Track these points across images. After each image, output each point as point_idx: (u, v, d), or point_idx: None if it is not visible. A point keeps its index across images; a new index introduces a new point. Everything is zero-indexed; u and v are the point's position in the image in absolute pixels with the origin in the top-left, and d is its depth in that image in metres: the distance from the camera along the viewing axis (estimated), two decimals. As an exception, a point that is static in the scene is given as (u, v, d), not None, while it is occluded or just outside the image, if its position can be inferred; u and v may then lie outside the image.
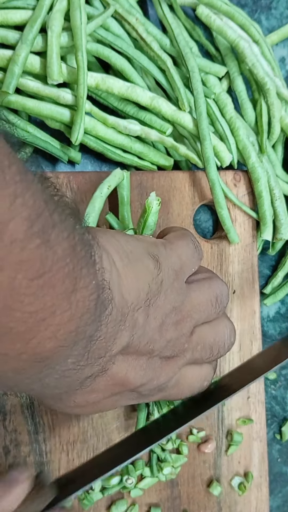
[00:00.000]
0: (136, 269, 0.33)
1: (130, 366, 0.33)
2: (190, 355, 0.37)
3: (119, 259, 0.32)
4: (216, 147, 0.49)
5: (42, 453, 0.45)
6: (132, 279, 0.32)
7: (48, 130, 0.47)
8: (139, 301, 0.32)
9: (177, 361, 0.36)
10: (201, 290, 0.37)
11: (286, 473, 0.58)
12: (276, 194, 0.51)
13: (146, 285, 0.33)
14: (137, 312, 0.32)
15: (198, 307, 0.37)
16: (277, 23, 0.57)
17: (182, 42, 0.48)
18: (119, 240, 0.33)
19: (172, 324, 0.35)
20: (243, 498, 0.52)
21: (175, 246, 0.37)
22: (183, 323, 0.36)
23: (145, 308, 0.33)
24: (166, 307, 0.34)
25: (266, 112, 0.51)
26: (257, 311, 0.52)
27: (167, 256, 0.35)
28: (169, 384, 0.37)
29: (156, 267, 0.34)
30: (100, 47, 0.47)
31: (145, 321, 0.33)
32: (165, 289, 0.34)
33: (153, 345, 0.34)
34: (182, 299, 0.35)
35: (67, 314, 0.25)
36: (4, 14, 0.44)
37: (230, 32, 0.50)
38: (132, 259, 0.33)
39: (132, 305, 0.32)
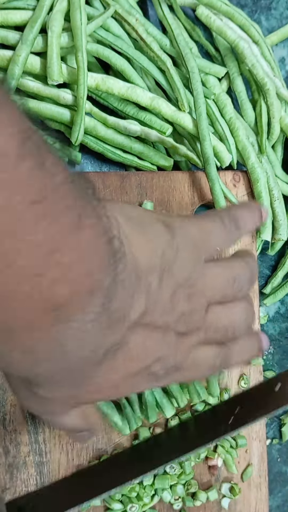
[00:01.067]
0: (146, 232, 0.30)
1: (148, 338, 0.31)
2: (203, 334, 0.35)
3: (124, 221, 0.29)
4: (216, 148, 0.49)
5: (42, 453, 0.45)
6: (143, 241, 0.30)
7: (48, 130, 0.47)
8: (151, 264, 0.30)
9: (191, 339, 0.34)
10: (218, 268, 0.35)
11: (286, 472, 0.58)
12: (275, 194, 0.51)
13: (159, 249, 0.31)
14: (151, 276, 0.30)
15: (212, 285, 0.34)
16: (277, 24, 0.57)
17: (182, 42, 0.49)
18: (125, 207, 0.31)
19: (184, 296, 0.33)
20: (243, 498, 0.52)
21: (196, 220, 0.35)
22: (196, 298, 0.33)
23: (160, 273, 0.31)
24: (179, 276, 0.32)
25: (265, 112, 0.51)
26: (257, 311, 0.52)
27: (184, 226, 0.33)
28: (185, 364, 0.35)
29: (169, 233, 0.32)
30: (100, 47, 0.47)
31: (159, 287, 0.31)
32: (181, 257, 0.32)
33: (166, 316, 0.32)
34: (198, 274, 0.33)
35: (76, 254, 0.23)
36: (4, 14, 0.44)
37: (230, 33, 0.50)
38: (139, 223, 0.30)
39: (145, 267, 0.29)
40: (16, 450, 0.44)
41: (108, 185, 0.46)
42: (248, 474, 0.51)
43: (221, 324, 0.36)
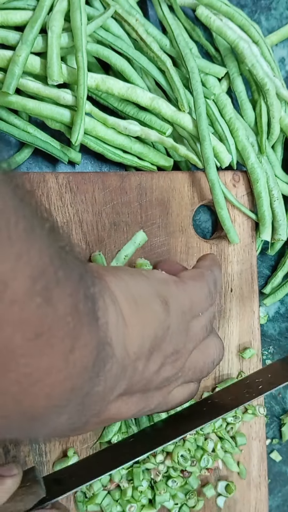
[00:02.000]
0: (143, 316, 0.31)
1: (124, 404, 0.33)
2: (181, 380, 0.37)
3: (127, 307, 0.30)
4: (216, 148, 0.49)
5: (42, 453, 0.45)
6: (138, 328, 0.31)
7: (49, 130, 0.47)
8: (142, 351, 0.31)
9: (169, 388, 0.36)
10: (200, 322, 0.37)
11: (286, 472, 0.58)
12: (274, 195, 0.51)
13: (152, 333, 0.32)
14: (138, 361, 0.31)
15: (194, 338, 0.36)
16: (276, 24, 0.57)
17: (182, 42, 0.49)
18: (128, 283, 0.32)
19: (171, 363, 0.34)
20: (242, 498, 0.52)
21: (188, 287, 0.36)
22: (181, 360, 0.35)
23: (147, 356, 0.32)
24: (167, 351, 0.33)
25: (265, 112, 0.51)
26: (256, 311, 0.53)
27: (177, 297, 0.34)
28: (159, 406, 0.36)
29: (165, 311, 0.33)
30: (100, 47, 0.47)
31: (145, 367, 0.32)
32: (171, 333, 0.33)
33: (149, 385, 0.33)
34: (184, 340, 0.35)
35: (63, 374, 0.24)
36: (4, 14, 0.44)
37: (230, 33, 0.50)
38: (140, 305, 0.31)
39: (134, 356, 0.31)
40: (16, 450, 0.44)
41: (108, 185, 0.46)
42: (244, 472, 0.51)
43: (198, 367, 0.38)
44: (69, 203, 0.45)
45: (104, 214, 0.46)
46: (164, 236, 0.48)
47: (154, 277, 0.35)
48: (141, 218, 0.47)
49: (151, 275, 0.35)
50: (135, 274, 0.34)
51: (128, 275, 0.33)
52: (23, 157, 0.47)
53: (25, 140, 0.45)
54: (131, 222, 0.47)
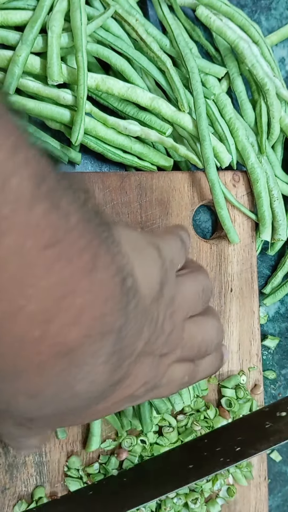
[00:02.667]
0: (144, 259, 0.31)
1: (142, 367, 0.31)
2: (180, 352, 0.36)
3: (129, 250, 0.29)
4: (216, 148, 0.49)
5: (42, 453, 0.45)
6: (145, 270, 0.30)
7: (48, 130, 0.47)
8: (153, 294, 0.30)
9: (169, 358, 0.35)
10: (189, 282, 0.36)
11: (286, 472, 0.58)
12: (274, 195, 0.51)
13: (158, 276, 0.31)
14: (154, 305, 0.30)
15: (186, 299, 0.35)
16: (276, 24, 0.57)
17: (182, 42, 0.49)
18: (127, 231, 0.31)
19: (169, 316, 0.33)
20: (242, 498, 0.52)
21: (167, 239, 0.36)
22: (176, 315, 0.34)
23: (158, 300, 0.31)
24: (167, 297, 0.32)
25: (265, 112, 0.51)
26: (256, 311, 0.53)
27: (165, 247, 0.34)
28: (161, 382, 0.35)
29: (160, 256, 0.32)
30: (100, 47, 0.47)
31: (156, 315, 0.31)
32: (169, 278, 0.33)
33: (158, 341, 0.32)
34: (176, 290, 0.34)
35: (90, 296, 0.22)
36: (4, 14, 0.44)
37: (230, 33, 0.50)
38: (139, 249, 0.31)
39: (150, 298, 0.29)
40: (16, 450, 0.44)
41: (108, 185, 0.46)
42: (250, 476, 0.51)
43: (195, 342, 0.37)
44: (69, 203, 0.45)
45: (104, 214, 0.46)
46: (164, 236, 0.49)
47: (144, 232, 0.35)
48: (141, 218, 0.47)
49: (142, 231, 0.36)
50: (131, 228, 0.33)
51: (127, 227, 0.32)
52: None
53: (25, 140, 0.45)
54: (131, 222, 0.47)
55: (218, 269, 0.51)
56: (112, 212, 0.46)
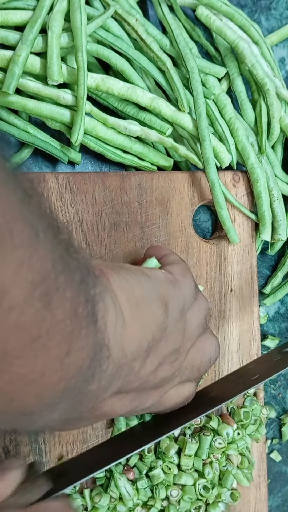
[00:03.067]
0: (143, 318, 0.31)
1: (118, 402, 0.33)
2: (178, 380, 0.37)
3: (127, 308, 0.30)
4: (216, 148, 0.49)
5: (42, 453, 0.45)
6: (137, 329, 0.31)
7: (49, 130, 0.47)
8: (139, 351, 0.31)
9: (165, 388, 0.36)
10: (194, 318, 0.37)
11: (285, 472, 0.58)
12: (274, 195, 0.51)
13: (150, 334, 0.32)
14: (135, 361, 0.31)
15: (191, 336, 0.36)
16: (276, 24, 0.57)
17: (182, 42, 0.49)
18: (130, 283, 0.32)
19: (169, 364, 0.34)
20: (242, 498, 0.52)
21: (182, 286, 0.36)
22: (179, 360, 0.35)
23: (144, 357, 0.32)
24: (165, 351, 0.33)
25: (265, 112, 0.51)
26: (256, 311, 0.53)
27: (176, 297, 0.35)
28: (154, 406, 0.37)
29: (164, 313, 0.33)
30: (100, 47, 0.47)
31: (141, 367, 0.32)
32: (168, 333, 0.33)
33: (145, 385, 0.33)
34: (181, 340, 0.35)
35: (57, 376, 0.24)
36: (4, 14, 0.44)
37: (230, 33, 0.50)
38: (141, 307, 0.32)
39: (131, 356, 0.31)
40: (16, 450, 0.44)
41: (108, 185, 0.46)
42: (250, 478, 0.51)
43: (195, 366, 0.38)
44: (69, 203, 0.45)
45: (104, 214, 0.46)
46: (164, 236, 0.48)
47: (156, 277, 0.35)
48: (141, 218, 0.47)
49: (153, 275, 0.35)
50: (138, 274, 0.33)
51: (131, 274, 0.33)
52: (23, 157, 0.47)
53: (25, 140, 0.45)
54: (131, 222, 0.47)
55: (218, 269, 0.51)
56: (112, 212, 0.46)
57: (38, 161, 0.48)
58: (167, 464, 0.47)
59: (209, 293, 0.50)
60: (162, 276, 0.36)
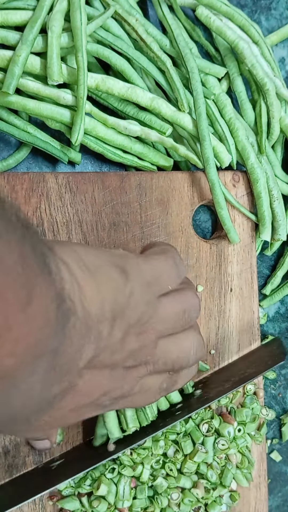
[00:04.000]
0: (98, 280, 0.31)
1: (94, 379, 0.32)
2: (151, 367, 0.37)
3: (78, 269, 0.30)
4: (216, 148, 0.49)
5: (42, 453, 0.45)
6: (94, 290, 0.30)
7: (49, 130, 0.47)
8: (103, 313, 0.31)
9: (139, 371, 0.36)
10: (172, 303, 0.37)
11: (286, 472, 0.58)
12: (274, 195, 0.51)
13: (111, 296, 0.32)
14: (101, 324, 0.31)
15: (163, 320, 0.36)
16: (276, 24, 0.57)
17: (182, 42, 0.49)
18: (78, 252, 0.32)
19: (135, 335, 0.34)
20: (242, 498, 0.52)
21: (150, 259, 0.36)
22: (146, 335, 0.35)
23: (111, 320, 0.32)
24: (131, 318, 0.33)
25: (265, 112, 0.51)
26: (256, 311, 0.53)
27: (139, 267, 0.34)
28: (132, 393, 0.36)
29: (122, 277, 0.33)
30: (100, 47, 0.47)
31: (109, 333, 0.32)
32: (134, 301, 0.33)
33: (115, 356, 0.33)
34: (150, 313, 0.35)
35: (25, 328, 0.24)
36: (4, 14, 0.44)
37: (230, 33, 0.50)
38: (93, 270, 0.31)
39: (96, 317, 0.30)
40: (15, 450, 0.44)
41: (108, 185, 0.46)
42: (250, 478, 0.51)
43: (170, 358, 0.37)
44: (68, 203, 0.45)
45: (104, 214, 0.46)
46: (164, 236, 0.48)
47: (110, 252, 0.35)
48: (141, 218, 0.47)
49: (108, 250, 0.35)
50: (86, 247, 0.33)
51: (78, 246, 0.33)
52: (21, 156, 0.47)
53: (25, 140, 0.45)
54: (131, 222, 0.47)
55: (218, 269, 0.51)
56: (112, 212, 0.46)
57: (38, 161, 0.48)
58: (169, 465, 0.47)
59: (209, 293, 0.50)
60: (122, 252, 0.36)
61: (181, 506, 0.47)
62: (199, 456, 0.47)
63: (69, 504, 0.45)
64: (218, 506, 0.49)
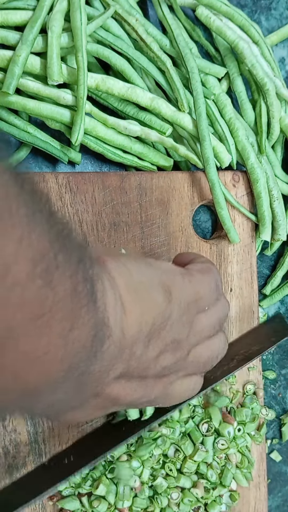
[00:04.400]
0: (143, 303, 0.32)
1: (122, 388, 0.33)
2: (183, 372, 0.37)
3: (126, 293, 0.31)
4: (216, 148, 0.49)
5: (42, 453, 0.45)
6: (137, 314, 0.31)
7: (49, 130, 0.47)
8: (140, 336, 0.32)
9: (170, 378, 0.36)
10: (207, 318, 0.37)
11: (285, 472, 0.58)
12: (274, 195, 0.51)
13: (150, 319, 0.32)
14: (136, 345, 0.32)
15: (200, 333, 0.36)
16: (276, 24, 0.57)
17: (182, 42, 0.49)
18: (130, 270, 0.32)
19: (170, 352, 0.34)
20: (242, 498, 0.52)
21: (195, 280, 0.36)
22: (181, 350, 0.35)
23: (145, 341, 0.32)
24: (167, 339, 0.34)
25: (265, 112, 0.51)
26: (256, 311, 0.53)
27: (183, 288, 0.34)
28: (159, 398, 0.37)
29: (166, 300, 0.33)
30: (100, 47, 0.47)
31: (143, 352, 0.32)
32: (172, 322, 0.33)
33: (147, 372, 0.33)
34: (187, 332, 0.35)
35: (61, 353, 0.25)
36: (4, 14, 0.44)
37: (230, 33, 0.50)
38: (140, 292, 0.32)
39: (132, 339, 0.31)
40: (15, 450, 0.44)
41: (108, 185, 0.46)
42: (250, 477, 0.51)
43: (201, 361, 0.38)
44: (69, 203, 0.45)
45: (104, 214, 0.46)
46: (164, 236, 0.48)
47: (160, 267, 0.35)
48: (141, 218, 0.47)
49: (157, 264, 0.35)
50: (140, 262, 0.34)
51: (132, 262, 0.33)
52: (21, 156, 0.47)
53: (25, 140, 0.45)
54: (131, 222, 0.47)
55: (218, 269, 0.51)
56: (112, 212, 0.46)
57: (38, 161, 0.48)
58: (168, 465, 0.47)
59: (209, 293, 0.50)
60: (169, 267, 0.36)
61: (180, 506, 0.47)
62: (199, 455, 0.47)
63: (69, 504, 0.45)
64: (218, 506, 0.49)
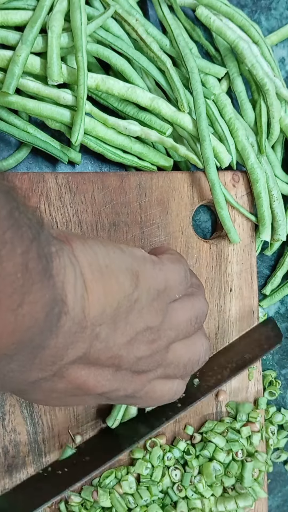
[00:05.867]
0: (106, 284, 0.32)
1: (91, 375, 0.33)
2: (162, 370, 0.37)
3: (89, 272, 0.31)
4: (216, 148, 0.49)
5: (42, 453, 0.45)
6: (99, 294, 0.31)
7: (48, 130, 0.47)
8: (103, 317, 0.32)
9: (148, 375, 0.36)
10: (183, 309, 0.37)
11: (285, 472, 0.58)
12: (274, 195, 0.51)
13: (115, 301, 0.32)
14: (99, 326, 0.32)
15: (176, 327, 0.36)
16: (276, 24, 0.57)
17: (182, 42, 0.49)
18: (97, 252, 0.32)
19: (145, 343, 0.34)
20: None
21: (165, 268, 0.36)
22: (158, 342, 0.35)
23: (110, 324, 0.32)
24: (138, 325, 0.34)
25: (265, 112, 0.51)
26: (256, 311, 0.53)
27: (153, 275, 0.35)
28: (137, 395, 0.37)
29: (132, 284, 0.33)
30: (100, 47, 0.47)
31: (109, 336, 0.32)
32: (140, 307, 0.34)
33: (118, 360, 0.33)
34: (160, 320, 0.35)
35: (11, 327, 0.25)
36: (4, 14, 0.44)
37: (230, 33, 0.50)
38: (105, 274, 0.32)
39: (93, 319, 0.31)
40: (15, 450, 0.44)
41: (108, 185, 0.46)
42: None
43: (181, 363, 0.38)
44: (68, 203, 0.45)
45: (104, 214, 0.46)
46: (163, 236, 0.48)
47: (132, 253, 0.35)
48: (141, 218, 0.47)
49: (130, 251, 0.35)
50: (109, 246, 0.34)
51: (100, 245, 0.33)
52: (21, 156, 0.47)
53: (25, 140, 0.45)
54: (131, 222, 0.47)
55: (218, 269, 0.51)
56: (112, 212, 0.46)
57: (38, 161, 0.48)
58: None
59: (209, 293, 0.50)
60: (142, 254, 0.36)
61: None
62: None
63: None
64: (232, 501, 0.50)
